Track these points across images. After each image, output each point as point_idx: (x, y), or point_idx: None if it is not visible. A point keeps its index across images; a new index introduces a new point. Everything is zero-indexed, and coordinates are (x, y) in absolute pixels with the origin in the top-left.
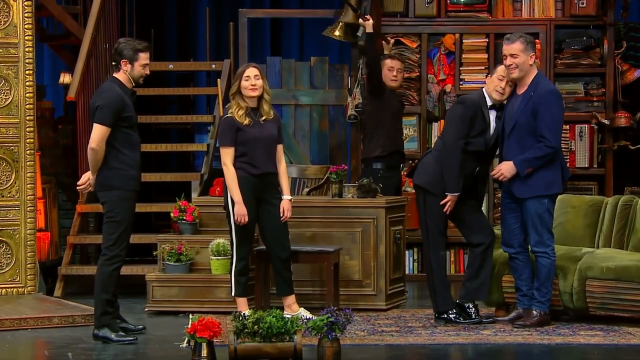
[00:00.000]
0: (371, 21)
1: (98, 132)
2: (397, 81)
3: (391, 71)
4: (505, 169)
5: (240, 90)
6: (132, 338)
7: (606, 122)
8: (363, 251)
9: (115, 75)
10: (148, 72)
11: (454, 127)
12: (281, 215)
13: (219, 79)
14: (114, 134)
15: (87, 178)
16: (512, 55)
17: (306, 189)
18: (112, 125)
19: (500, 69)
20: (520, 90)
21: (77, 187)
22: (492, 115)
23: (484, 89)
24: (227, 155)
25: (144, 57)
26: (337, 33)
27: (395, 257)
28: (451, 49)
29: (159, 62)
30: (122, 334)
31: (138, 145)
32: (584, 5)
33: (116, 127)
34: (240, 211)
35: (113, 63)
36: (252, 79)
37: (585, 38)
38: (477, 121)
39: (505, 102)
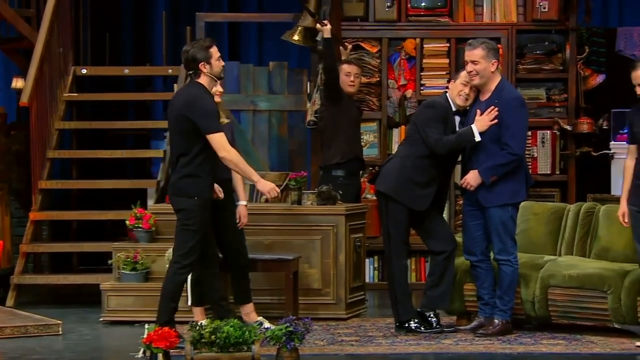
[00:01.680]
0: (329, 26)
1: (217, 141)
2: (354, 86)
3: (348, 76)
4: (471, 177)
5: None
6: None
7: (568, 128)
8: (323, 259)
9: (197, 80)
10: (223, 63)
11: (432, 128)
12: (237, 221)
13: (175, 84)
14: (197, 141)
15: (269, 186)
16: (472, 62)
17: (264, 196)
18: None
19: (464, 74)
20: (484, 97)
21: (270, 195)
22: (456, 121)
23: (447, 94)
24: None
25: (215, 51)
26: (296, 37)
27: (356, 265)
28: (412, 54)
29: (114, 66)
30: None
31: (215, 153)
32: (546, 9)
33: (201, 134)
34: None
35: (190, 72)
36: (218, 84)
37: (547, 43)
38: (447, 124)
39: (468, 108)
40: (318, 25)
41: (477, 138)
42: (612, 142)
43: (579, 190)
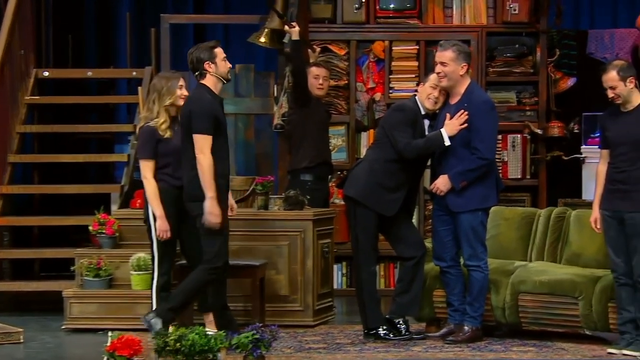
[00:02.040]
0: (297, 28)
1: (200, 142)
2: (323, 89)
3: (317, 79)
4: (440, 183)
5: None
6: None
7: (539, 131)
8: (290, 265)
9: (202, 82)
10: (230, 65)
11: (400, 132)
12: None
13: (140, 87)
14: None
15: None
16: (442, 63)
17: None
18: (212, 133)
19: (433, 77)
20: (453, 100)
21: (210, 220)
22: (425, 124)
23: (416, 97)
24: (147, 168)
25: (220, 52)
26: (262, 39)
27: (323, 272)
28: (381, 56)
29: (77, 69)
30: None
31: (228, 154)
32: (517, 11)
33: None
34: (162, 227)
35: (196, 73)
36: (183, 88)
37: (517, 45)
38: (416, 128)
39: (437, 111)
40: (286, 27)
41: (447, 142)
42: (583, 146)
43: (549, 194)
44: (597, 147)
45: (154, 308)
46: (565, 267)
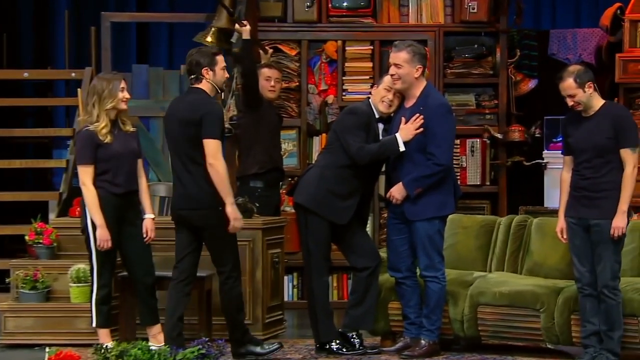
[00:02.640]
0: (248, 27)
1: (213, 147)
2: (275, 92)
3: (269, 81)
4: (396, 190)
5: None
6: (277, 345)
7: (499, 136)
8: None
9: (197, 86)
10: (228, 76)
11: (353, 136)
12: (144, 236)
13: (79, 89)
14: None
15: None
16: (396, 65)
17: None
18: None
19: (387, 79)
20: (409, 103)
21: (234, 226)
22: (380, 128)
23: (370, 100)
24: (86, 174)
25: (221, 60)
26: (209, 39)
27: (273, 283)
28: (333, 57)
29: (12, 69)
30: (267, 346)
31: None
32: (475, 10)
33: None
34: (103, 236)
35: (192, 76)
36: (125, 91)
37: (476, 46)
38: (369, 132)
39: (392, 114)
40: (237, 26)
41: (402, 148)
42: (545, 151)
43: (510, 202)
44: (559, 152)
45: (93, 323)
46: (527, 277)
